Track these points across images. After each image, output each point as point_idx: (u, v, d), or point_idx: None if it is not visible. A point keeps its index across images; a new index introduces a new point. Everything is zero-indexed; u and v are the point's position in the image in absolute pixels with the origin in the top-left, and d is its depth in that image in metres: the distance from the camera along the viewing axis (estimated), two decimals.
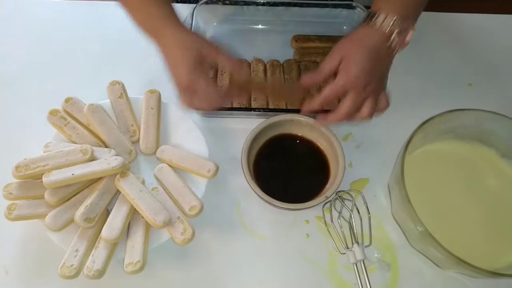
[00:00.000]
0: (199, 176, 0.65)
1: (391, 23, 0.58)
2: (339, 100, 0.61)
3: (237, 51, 0.80)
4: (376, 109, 0.61)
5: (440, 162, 0.68)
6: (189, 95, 0.60)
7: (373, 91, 0.59)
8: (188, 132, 0.70)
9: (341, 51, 0.59)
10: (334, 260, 0.63)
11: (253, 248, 0.64)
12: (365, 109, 0.59)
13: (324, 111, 0.63)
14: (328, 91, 0.59)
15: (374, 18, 0.59)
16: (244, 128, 0.68)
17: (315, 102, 0.61)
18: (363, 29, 0.60)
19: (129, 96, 0.72)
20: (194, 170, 0.65)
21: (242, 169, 0.64)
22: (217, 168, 0.65)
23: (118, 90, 0.71)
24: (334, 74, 0.60)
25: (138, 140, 0.70)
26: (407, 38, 0.59)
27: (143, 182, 0.66)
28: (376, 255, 0.63)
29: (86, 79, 0.79)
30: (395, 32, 0.58)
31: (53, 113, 0.69)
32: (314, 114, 0.65)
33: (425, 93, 0.78)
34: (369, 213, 0.63)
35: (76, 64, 0.81)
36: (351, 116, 0.60)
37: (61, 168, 0.62)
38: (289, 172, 0.68)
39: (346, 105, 0.59)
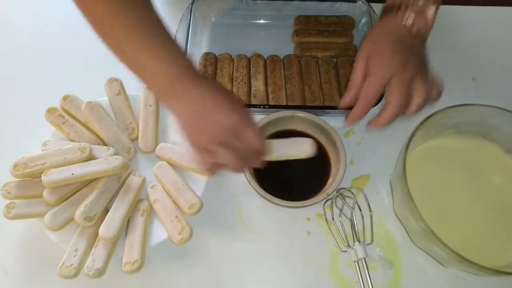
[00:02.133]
0: (199, 174, 0.65)
1: (406, 7, 0.54)
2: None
3: (236, 46, 0.79)
4: (429, 96, 0.54)
5: (443, 158, 0.67)
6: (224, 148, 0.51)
7: (416, 72, 0.52)
8: None
9: (365, 53, 0.55)
10: (335, 258, 0.62)
11: (253, 246, 0.64)
12: (419, 91, 0.52)
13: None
14: (365, 92, 0.54)
15: (389, 10, 0.56)
16: None
17: (358, 110, 0.56)
18: (380, 24, 0.57)
19: (127, 93, 0.71)
20: (193, 168, 0.64)
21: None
22: None
23: (116, 87, 0.70)
24: None
25: (137, 138, 0.70)
26: (429, 16, 0.54)
27: (144, 180, 0.66)
28: (378, 252, 0.63)
29: (84, 76, 0.78)
30: (412, 14, 0.53)
31: (50, 111, 0.68)
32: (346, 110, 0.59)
33: None
34: (370, 211, 0.62)
35: (74, 62, 0.80)
36: (403, 107, 0.53)
37: (59, 167, 0.61)
38: (290, 169, 0.67)
39: (394, 93, 0.52)
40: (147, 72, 0.52)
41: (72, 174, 0.61)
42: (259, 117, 0.67)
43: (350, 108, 0.57)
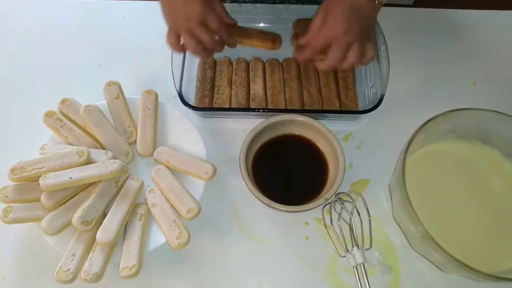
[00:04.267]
0: (197, 178, 0.64)
1: None
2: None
3: (235, 50, 0.78)
4: (363, 58, 0.62)
5: (442, 163, 0.67)
6: (190, 35, 0.61)
7: (356, 38, 0.60)
8: (185, 132, 0.69)
9: (324, 9, 0.62)
10: (334, 262, 0.62)
11: (252, 251, 0.63)
12: (351, 54, 0.61)
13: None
14: (313, 41, 0.63)
15: None
16: (243, 129, 0.67)
17: (304, 53, 0.65)
18: None
19: (126, 96, 0.71)
20: (192, 172, 0.64)
21: (240, 170, 0.63)
22: (215, 170, 0.64)
23: (115, 90, 0.70)
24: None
25: (135, 142, 0.70)
26: None
27: (142, 184, 0.65)
28: (376, 257, 0.62)
29: (82, 79, 0.78)
30: None
31: (49, 114, 0.68)
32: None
33: (427, 92, 0.77)
34: (369, 216, 0.62)
35: (72, 65, 0.80)
36: (339, 62, 0.61)
37: (57, 171, 0.61)
38: (288, 173, 0.67)
39: (332, 52, 0.61)
40: None
41: (70, 178, 0.60)
42: (258, 121, 0.67)
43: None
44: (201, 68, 0.76)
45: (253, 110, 0.70)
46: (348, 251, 0.60)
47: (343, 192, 0.64)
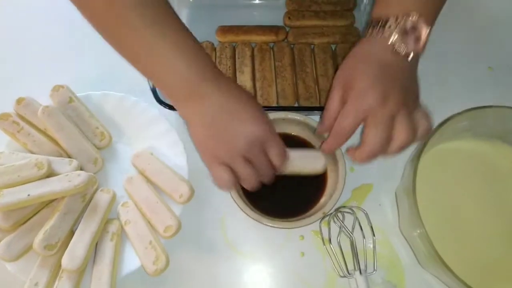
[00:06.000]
0: (174, 201, 0.56)
1: (392, 26, 0.45)
2: None
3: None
4: (415, 133, 0.46)
5: (457, 166, 0.58)
6: (246, 162, 0.47)
7: (399, 107, 0.45)
8: (163, 134, 0.61)
9: (342, 80, 0.48)
10: (332, 281, 0.55)
11: (240, 269, 0.56)
12: (400, 133, 0.45)
13: None
14: (339, 125, 0.47)
15: (373, 28, 0.47)
16: None
17: (332, 143, 0.50)
18: (361, 45, 0.49)
19: (91, 92, 0.62)
20: (166, 190, 0.56)
21: None
22: (191, 194, 0.55)
23: (65, 94, 0.61)
24: None
25: (108, 145, 0.61)
26: (422, 38, 0.45)
27: (113, 196, 0.57)
28: (380, 274, 0.55)
29: (42, 75, 0.67)
30: (397, 35, 0.45)
31: (3, 117, 0.59)
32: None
33: (440, 79, 0.67)
34: (373, 235, 0.54)
35: (30, 59, 0.70)
36: (383, 146, 0.45)
37: (13, 187, 0.53)
38: (281, 179, 0.59)
39: (370, 134, 0.45)
40: (160, 72, 0.46)
41: (28, 195, 0.52)
42: None
43: None
44: None
45: None
46: (349, 273, 0.53)
47: (344, 206, 0.56)
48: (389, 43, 0.45)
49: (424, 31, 0.45)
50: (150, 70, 0.47)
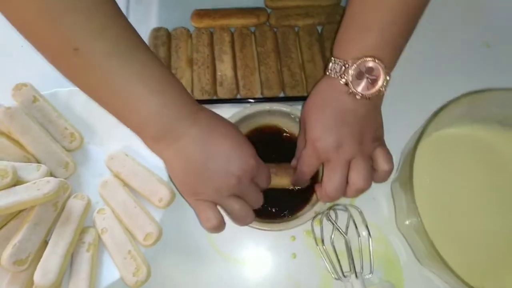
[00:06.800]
0: (154, 205, 0.52)
1: (346, 67, 0.44)
2: None
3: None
4: (374, 175, 0.46)
5: (457, 154, 0.55)
6: (236, 198, 0.44)
7: (354, 153, 0.45)
8: None
9: (303, 117, 0.48)
10: (327, 283, 0.52)
11: (229, 274, 0.53)
12: (355, 177, 0.45)
13: None
14: (299, 167, 0.49)
15: (331, 66, 0.46)
16: None
17: (298, 180, 0.51)
18: (322, 82, 0.47)
19: (44, 94, 0.57)
20: (144, 194, 0.52)
21: None
22: (172, 196, 0.51)
23: (29, 93, 0.55)
24: None
25: (80, 146, 0.56)
26: (379, 81, 0.43)
27: (88, 203, 0.53)
28: (377, 273, 0.52)
29: (4, 71, 0.62)
30: (352, 76, 0.44)
31: None
32: None
33: (435, 58, 0.63)
34: (370, 235, 0.51)
35: None
36: (338, 191, 0.45)
37: None
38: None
39: (325, 179, 0.46)
40: (125, 109, 0.41)
41: None
42: (231, 110, 0.54)
43: None
44: (151, 44, 0.60)
45: (219, 101, 0.57)
46: (344, 276, 0.50)
47: (337, 204, 0.52)
48: (343, 84, 0.44)
49: (381, 74, 0.43)
50: (111, 107, 0.42)
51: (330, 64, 0.46)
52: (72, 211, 0.51)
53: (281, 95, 0.59)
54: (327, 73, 0.46)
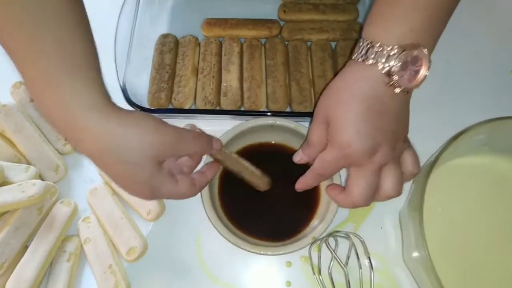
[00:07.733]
0: (143, 218, 0.49)
1: (389, 53, 0.37)
2: None
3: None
4: (403, 183, 0.42)
5: (471, 185, 0.50)
6: None
7: (388, 159, 0.40)
8: None
9: (324, 114, 0.41)
10: None
11: None
12: (388, 185, 0.41)
13: None
14: (320, 164, 0.42)
15: (364, 50, 0.39)
16: (210, 131, 0.47)
17: (309, 179, 0.45)
18: (350, 69, 0.40)
19: None
20: (133, 206, 0.49)
21: (201, 195, 0.47)
22: (162, 210, 0.48)
23: (26, 92, 0.54)
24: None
25: (73, 150, 0.55)
26: (421, 71, 0.38)
27: (75, 209, 0.50)
28: None
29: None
30: (397, 66, 0.37)
31: None
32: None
33: (455, 82, 0.59)
34: (372, 267, 0.46)
35: None
36: (368, 200, 0.41)
37: None
38: (267, 196, 0.51)
39: (355, 187, 0.41)
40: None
41: None
42: (232, 123, 0.50)
43: None
44: (158, 50, 0.58)
45: (220, 112, 0.54)
46: None
47: (338, 231, 0.48)
48: (384, 74, 0.38)
49: (425, 64, 0.38)
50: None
51: (363, 47, 0.39)
52: (56, 217, 0.49)
53: (287, 110, 0.55)
54: (358, 57, 0.39)
